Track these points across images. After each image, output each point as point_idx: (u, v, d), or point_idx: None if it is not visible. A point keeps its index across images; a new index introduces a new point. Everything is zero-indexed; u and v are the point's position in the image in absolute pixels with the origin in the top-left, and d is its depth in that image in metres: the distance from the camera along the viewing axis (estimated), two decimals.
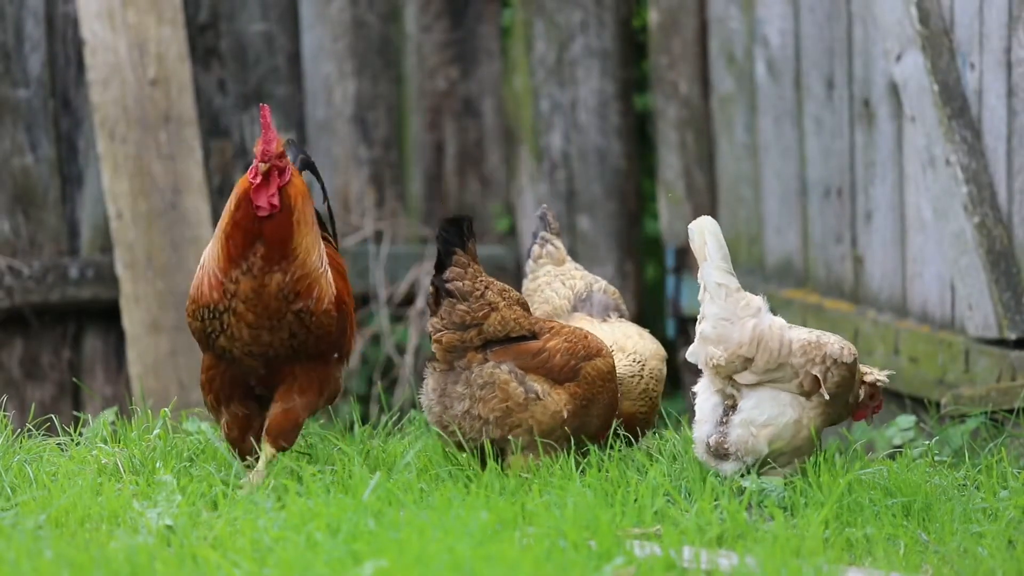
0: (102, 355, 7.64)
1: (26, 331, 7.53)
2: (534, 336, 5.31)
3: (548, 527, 4.51)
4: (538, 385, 5.25)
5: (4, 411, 5.53)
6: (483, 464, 5.23)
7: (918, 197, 6.69)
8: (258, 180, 4.97)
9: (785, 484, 5.10)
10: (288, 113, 7.92)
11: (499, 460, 5.23)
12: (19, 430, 5.50)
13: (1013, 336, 6.24)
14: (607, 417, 5.36)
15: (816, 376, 5.22)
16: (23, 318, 7.49)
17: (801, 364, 5.23)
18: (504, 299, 5.29)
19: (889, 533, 4.75)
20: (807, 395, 5.25)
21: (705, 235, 5.27)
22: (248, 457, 5.14)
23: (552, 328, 5.36)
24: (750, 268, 7.56)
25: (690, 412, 6.06)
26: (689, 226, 5.32)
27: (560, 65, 8.04)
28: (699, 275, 5.29)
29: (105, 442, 5.37)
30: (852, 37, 6.99)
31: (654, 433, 5.86)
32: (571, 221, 8.07)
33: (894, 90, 6.73)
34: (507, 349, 5.27)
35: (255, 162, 4.97)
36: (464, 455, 5.44)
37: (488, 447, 5.21)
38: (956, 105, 6.38)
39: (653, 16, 7.91)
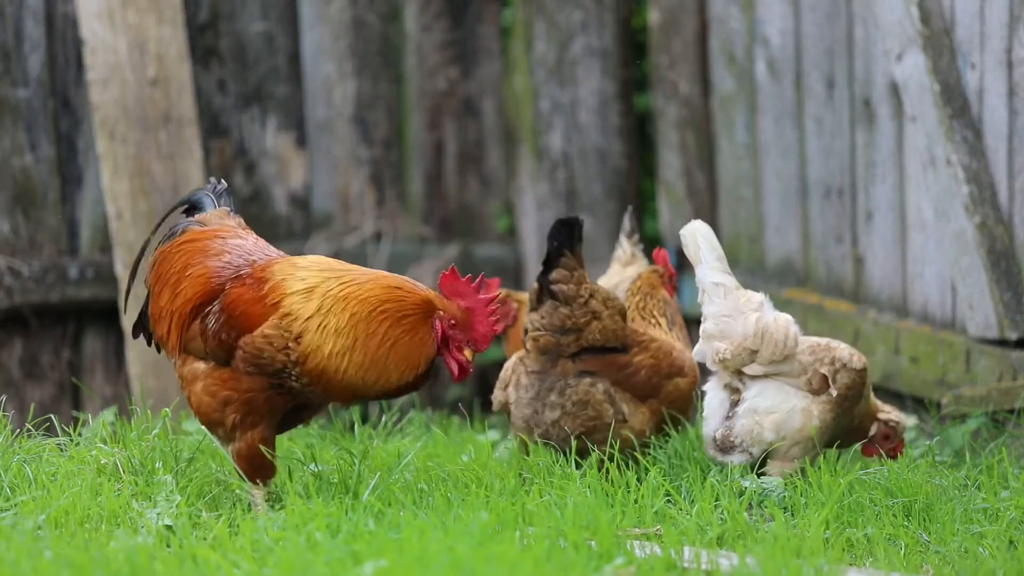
0: (102, 355, 7.63)
1: (26, 331, 7.52)
2: (625, 348, 5.33)
3: (548, 527, 4.50)
4: (625, 406, 5.29)
5: (4, 411, 5.52)
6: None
7: (919, 197, 6.68)
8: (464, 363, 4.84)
9: (785, 484, 5.09)
10: (288, 113, 7.91)
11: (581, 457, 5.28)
12: (18, 430, 5.49)
13: (1014, 336, 6.24)
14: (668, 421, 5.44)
15: (824, 374, 5.25)
16: (23, 318, 7.48)
17: (810, 362, 5.28)
18: (608, 308, 5.30)
19: (890, 533, 4.75)
20: (816, 393, 5.28)
21: (697, 238, 5.32)
22: (266, 481, 4.94)
23: (642, 342, 5.38)
24: (750, 268, 7.56)
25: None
26: (680, 231, 5.37)
27: (560, 65, 8.04)
28: (696, 278, 5.33)
29: (105, 442, 5.36)
30: (853, 37, 6.99)
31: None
32: None
33: (895, 90, 6.73)
34: (598, 359, 5.30)
35: (462, 340, 4.82)
36: (465, 456, 5.44)
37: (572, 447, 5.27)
38: (957, 105, 6.38)
39: (653, 16, 7.91)
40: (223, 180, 5.26)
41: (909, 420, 5.68)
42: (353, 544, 4.31)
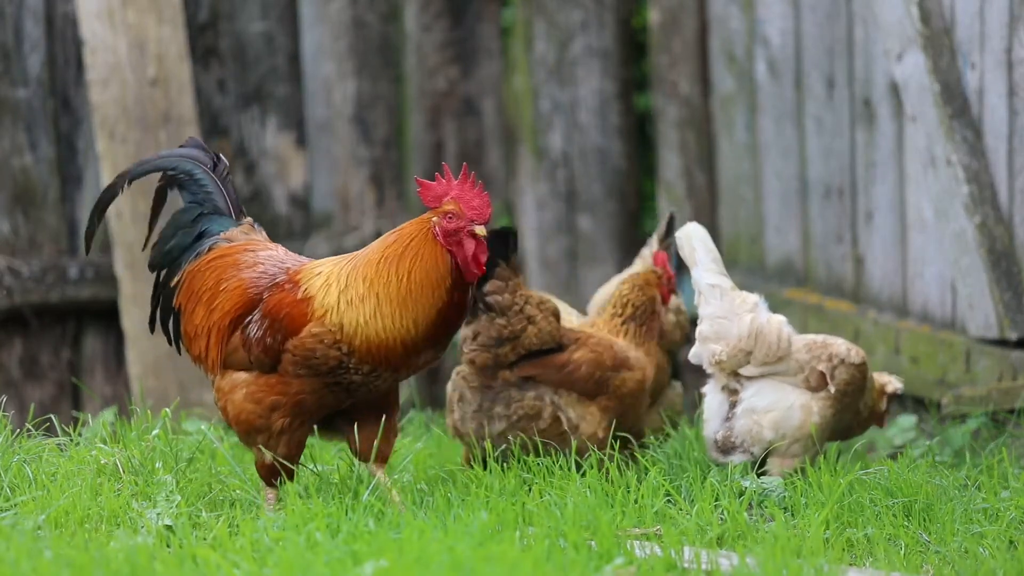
0: (102, 355, 7.63)
1: (26, 331, 7.52)
2: (560, 348, 5.30)
3: (548, 527, 4.50)
4: (573, 410, 5.26)
5: (4, 411, 5.52)
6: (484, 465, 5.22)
7: (919, 197, 6.68)
8: (476, 248, 4.78)
9: (785, 484, 5.09)
10: (288, 113, 7.91)
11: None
12: (18, 430, 5.49)
13: (1014, 336, 6.24)
14: (637, 424, 5.40)
15: (821, 371, 5.26)
16: (23, 318, 7.48)
17: (806, 360, 5.29)
18: (541, 311, 5.28)
19: (890, 533, 4.74)
20: (814, 390, 5.29)
21: (693, 241, 5.33)
22: (287, 480, 4.89)
23: (578, 338, 5.34)
24: (750, 268, 7.55)
25: (690, 412, 6.05)
26: (676, 234, 5.39)
27: (560, 65, 8.04)
28: (692, 280, 5.34)
29: (104, 442, 5.36)
30: (853, 37, 6.99)
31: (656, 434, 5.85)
32: (571, 221, 8.06)
33: (895, 90, 6.73)
34: (536, 363, 5.27)
35: (464, 225, 4.77)
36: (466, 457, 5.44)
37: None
38: (957, 105, 6.38)
39: (654, 16, 7.91)
40: (222, 156, 5.15)
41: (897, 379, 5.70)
42: (353, 544, 4.31)
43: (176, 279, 5.02)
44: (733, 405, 5.32)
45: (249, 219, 5.10)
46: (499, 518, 4.57)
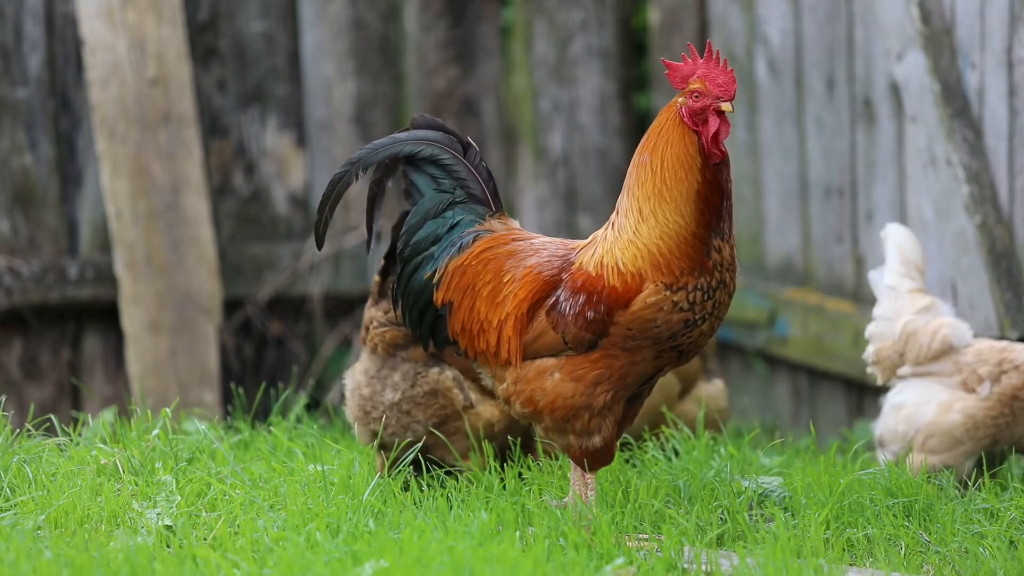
0: (101, 355, 7.63)
1: (25, 331, 7.52)
2: None
3: (548, 527, 4.50)
4: (473, 393, 5.09)
5: (4, 411, 5.52)
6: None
7: (919, 197, 6.68)
8: (720, 126, 4.55)
9: (785, 484, 5.09)
10: (288, 113, 7.91)
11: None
12: (18, 430, 5.49)
13: (1014, 336, 6.23)
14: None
15: (979, 375, 5.28)
16: (22, 318, 7.48)
17: (968, 363, 5.32)
18: None
19: (890, 533, 4.74)
20: (970, 391, 5.33)
21: (888, 243, 5.53)
22: (603, 467, 4.70)
23: None
24: (751, 268, 7.55)
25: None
26: (882, 232, 5.56)
27: (560, 64, 8.04)
28: (871, 278, 5.48)
29: (104, 442, 5.36)
30: (853, 36, 6.99)
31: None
32: (571, 221, 8.06)
33: (895, 90, 6.73)
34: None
35: (710, 103, 4.56)
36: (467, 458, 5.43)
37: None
38: (957, 105, 6.38)
39: (654, 15, 7.91)
40: (471, 141, 4.85)
41: None
42: (353, 544, 4.31)
43: (434, 274, 4.79)
44: None
45: (500, 211, 4.83)
46: (499, 518, 4.57)
